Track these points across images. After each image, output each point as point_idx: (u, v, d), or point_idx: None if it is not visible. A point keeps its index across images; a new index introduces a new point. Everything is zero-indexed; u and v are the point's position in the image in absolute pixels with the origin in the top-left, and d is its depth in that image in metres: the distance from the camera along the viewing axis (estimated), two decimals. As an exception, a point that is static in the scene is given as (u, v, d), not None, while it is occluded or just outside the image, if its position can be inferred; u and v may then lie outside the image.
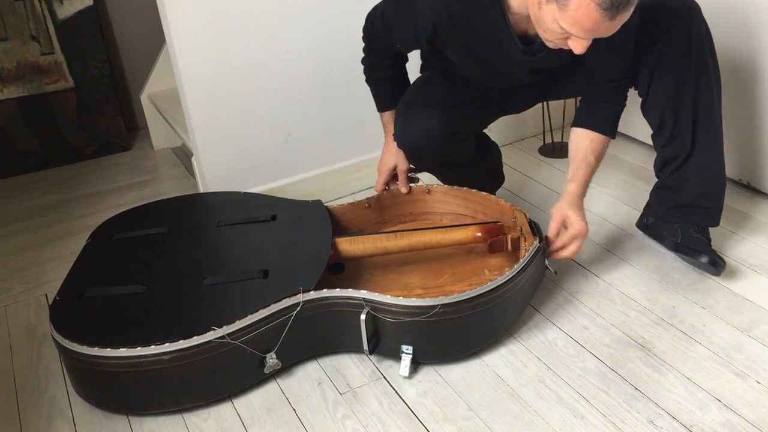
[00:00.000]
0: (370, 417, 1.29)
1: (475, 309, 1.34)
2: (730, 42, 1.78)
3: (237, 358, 1.31)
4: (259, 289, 1.39)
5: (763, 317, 1.46)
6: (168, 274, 1.48)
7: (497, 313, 1.40)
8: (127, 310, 1.38)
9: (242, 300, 1.36)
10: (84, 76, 2.41)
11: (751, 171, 1.90)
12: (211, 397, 1.34)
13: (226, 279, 1.43)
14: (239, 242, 1.58)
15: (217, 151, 1.87)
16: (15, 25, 2.28)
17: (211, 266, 1.49)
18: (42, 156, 2.45)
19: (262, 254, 1.52)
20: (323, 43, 1.90)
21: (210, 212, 1.74)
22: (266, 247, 1.55)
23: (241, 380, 1.36)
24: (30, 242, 1.99)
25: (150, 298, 1.40)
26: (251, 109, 1.88)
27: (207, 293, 1.40)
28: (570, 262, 1.68)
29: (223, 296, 1.39)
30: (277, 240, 1.57)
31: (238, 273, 1.44)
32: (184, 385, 1.31)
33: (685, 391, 1.30)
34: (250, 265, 1.46)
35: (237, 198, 1.78)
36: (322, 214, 1.62)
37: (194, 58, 1.75)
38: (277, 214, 1.64)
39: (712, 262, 1.53)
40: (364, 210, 1.73)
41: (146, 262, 1.53)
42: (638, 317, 1.49)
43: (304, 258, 1.47)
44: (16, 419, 1.36)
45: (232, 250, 1.57)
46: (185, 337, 1.26)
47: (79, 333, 1.31)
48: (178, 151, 2.54)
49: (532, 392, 1.32)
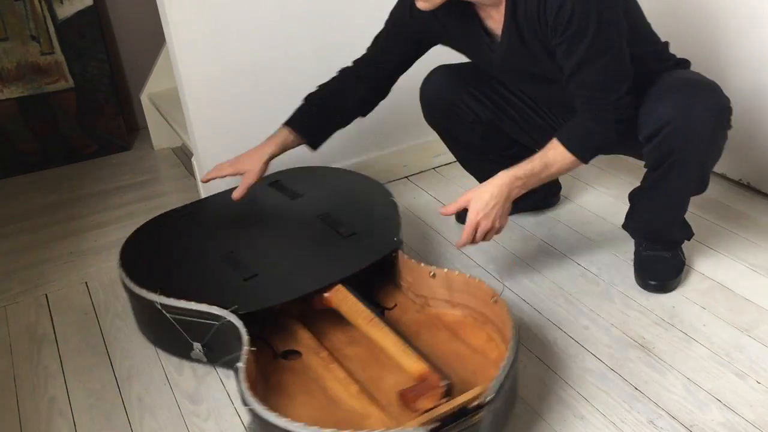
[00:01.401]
0: (370, 417, 1.29)
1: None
2: (729, 42, 1.79)
3: None
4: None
5: (763, 317, 1.46)
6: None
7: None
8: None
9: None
10: (84, 76, 2.41)
11: (751, 171, 1.90)
12: None
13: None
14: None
15: (217, 151, 1.87)
16: (15, 25, 2.28)
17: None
18: (42, 156, 2.45)
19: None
20: (323, 43, 1.90)
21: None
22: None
23: None
24: (30, 242, 1.99)
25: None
26: (251, 109, 1.88)
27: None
28: (571, 263, 1.68)
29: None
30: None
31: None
32: None
33: (685, 391, 1.30)
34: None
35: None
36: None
37: (194, 58, 1.75)
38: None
39: (642, 283, 1.58)
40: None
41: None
42: (638, 317, 1.49)
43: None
44: (16, 419, 1.36)
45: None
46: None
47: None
48: (178, 151, 2.54)
49: (532, 392, 1.32)
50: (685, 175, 1.41)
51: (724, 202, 1.87)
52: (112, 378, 1.45)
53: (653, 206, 1.52)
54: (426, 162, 2.21)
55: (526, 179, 1.39)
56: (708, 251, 1.68)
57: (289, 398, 1.23)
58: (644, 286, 1.57)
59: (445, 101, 1.63)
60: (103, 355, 1.51)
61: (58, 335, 1.59)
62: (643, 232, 1.61)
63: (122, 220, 2.07)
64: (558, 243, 1.76)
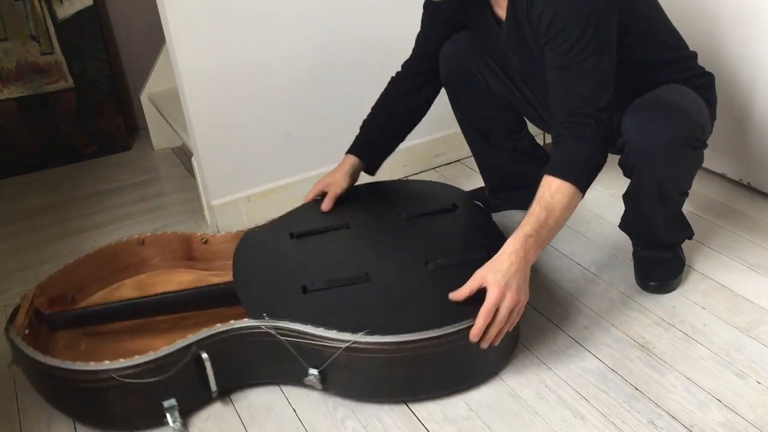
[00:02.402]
0: (370, 417, 1.29)
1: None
2: (728, 42, 1.79)
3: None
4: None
5: (763, 317, 1.46)
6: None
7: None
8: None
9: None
10: (84, 76, 2.41)
11: (751, 171, 1.90)
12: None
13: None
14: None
15: (217, 151, 1.87)
16: (15, 25, 2.28)
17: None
18: (42, 156, 2.45)
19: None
20: (323, 43, 1.90)
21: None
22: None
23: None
24: (30, 242, 1.99)
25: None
26: (251, 109, 1.88)
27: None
28: (571, 263, 1.68)
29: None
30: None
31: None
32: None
33: (685, 391, 1.30)
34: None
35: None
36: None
37: (194, 58, 1.75)
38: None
39: (641, 284, 1.58)
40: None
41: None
42: (638, 317, 1.49)
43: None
44: (16, 420, 1.36)
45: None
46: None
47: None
48: (178, 151, 2.54)
49: (532, 392, 1.32)
50: (647, 192, 1.41)
51: (724, 202, 1.87)
52: (112, 378, 1.45)
53: (635, 213, 1.54)
54: (426, 162, 2.21)
55: (536, 233, 1.26)
56: (708, 251, 1.68)
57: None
58: (644, 287, 1.57)
59: (461, 62, 1.62)
60: (103, 355, 1.51)
61: (58, 335, 1.59)
62: (635, 234, 1.62)
63: (122, 220, 2.07)
64: (558, 243, 1.76)
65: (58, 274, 1.53)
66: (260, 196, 1.96)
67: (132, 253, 1.64)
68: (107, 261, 1.61)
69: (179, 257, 1.67)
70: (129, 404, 1.26)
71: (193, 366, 1.27)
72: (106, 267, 1.61)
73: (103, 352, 1.38)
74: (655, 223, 1.51)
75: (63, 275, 1.54)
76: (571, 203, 1.28)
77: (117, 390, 1.23)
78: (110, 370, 1.21)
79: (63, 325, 1.47)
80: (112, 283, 1.61)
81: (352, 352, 1.24)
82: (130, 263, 1.64)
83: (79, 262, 1.57)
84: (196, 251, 1.67)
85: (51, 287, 1.51)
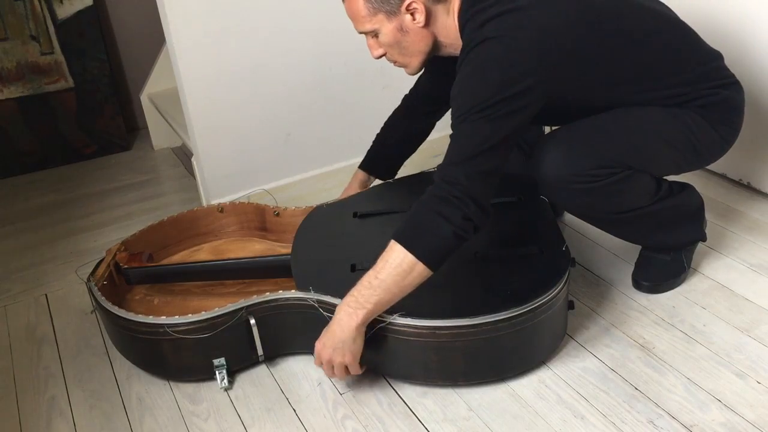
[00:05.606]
0: (370, 417, 1.29)
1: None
2: (728, 42, 1.78)
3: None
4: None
5: (763, 317, 1.46)
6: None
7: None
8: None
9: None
10: (84, 76, 2.41)
11: (751, 171, 1.90)
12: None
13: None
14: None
15: (217, 151, 1.87)
16: (15, 25, 2.28)
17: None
18: (42, 156, 2.45)
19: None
20: (323, 43, 1.90)
21: None
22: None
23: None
24: (30, 242, 2.00)
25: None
26: (251, 109, 1.88)
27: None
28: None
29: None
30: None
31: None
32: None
33: (685, 391, 1.30)
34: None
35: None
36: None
37: (194, 58, 1.75)
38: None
39: (634, 283, 1.58)
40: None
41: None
42: (638, 317, 1.49)
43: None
44: (16, 419, 1.36)
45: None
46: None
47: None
48: (178, 151, 2.54)
49: (532, 392, 1.32)
50: (584, 216, 1.48)
51: (724, 202, 1.87)
52: (112, 378, 1.45)
53: (604, 229, 1.56)
54: (426, 162, 2.21)
55: (357, 293, 1.23)
56: (708, 251, 1.68)
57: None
58: (636, 287, 1.57)
59: None
60: (103, 355, 1.51)
61: (57, 335, 1.59)
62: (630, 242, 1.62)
63: (122, 220, 2.07)
64: (558, 243, 1.76)
65: (142, 232, 1.65)
66: (260, 196, 1.96)
67: (212, 219, 1.74)
68: (189, 225, 1.73)
69: (254, 227, 1.76)
70: (182, 357, 1.36)
71: (242, 329, 1.35)
72: (187, 230, 1.73)
73: (173, 309, 1.51)
74: (626, 236, 1.55)
75: (147, 234, 1.66)
76: (404, 270, 1.20)
77: (171, 343, 1.33)
78: (165, 325, 1.31)
79: (137, 281, 1.57)
80: (192, 246, 1.73)
81: (387, 332, 1.27)
82: (210, 229, 1.75)
83: (162, 223, 1.68)
84: (269, 222, 1.74)
85: (135, 244, 1.62)
